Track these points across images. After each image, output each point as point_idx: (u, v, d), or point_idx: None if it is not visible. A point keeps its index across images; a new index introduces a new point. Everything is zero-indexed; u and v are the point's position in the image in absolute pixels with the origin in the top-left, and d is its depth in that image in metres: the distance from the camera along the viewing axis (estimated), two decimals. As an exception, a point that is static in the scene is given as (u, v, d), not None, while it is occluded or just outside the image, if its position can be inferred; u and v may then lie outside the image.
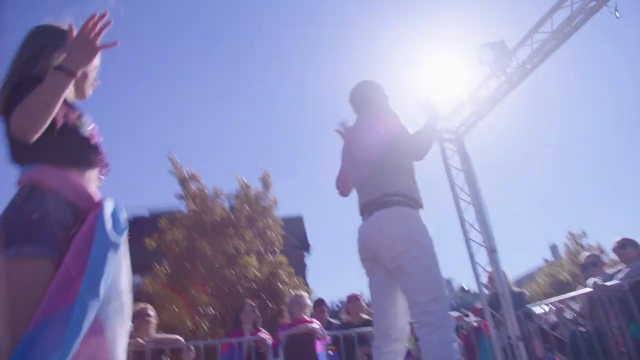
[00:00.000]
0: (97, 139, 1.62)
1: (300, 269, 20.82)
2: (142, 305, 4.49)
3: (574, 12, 3.93)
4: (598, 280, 4.36)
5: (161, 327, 12.40)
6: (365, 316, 5.31)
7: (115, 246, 1.43)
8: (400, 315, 2.46)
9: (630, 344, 4.20)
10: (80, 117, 1.58)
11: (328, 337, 4.88)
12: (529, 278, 34.60)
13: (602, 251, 23.41)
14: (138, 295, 13.50)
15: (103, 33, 1.53)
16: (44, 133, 1.38)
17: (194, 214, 13.87)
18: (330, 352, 5.05)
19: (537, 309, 16.68)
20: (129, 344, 3.80)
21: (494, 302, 4.81)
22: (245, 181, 14.59)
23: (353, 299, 5.32)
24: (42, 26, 1.66)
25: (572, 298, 5.02)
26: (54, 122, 1.42)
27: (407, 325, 2.49)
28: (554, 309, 7.84)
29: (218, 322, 12.66)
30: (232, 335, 4.79)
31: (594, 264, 4.86)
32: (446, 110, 5.20)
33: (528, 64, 4.44)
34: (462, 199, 5.05)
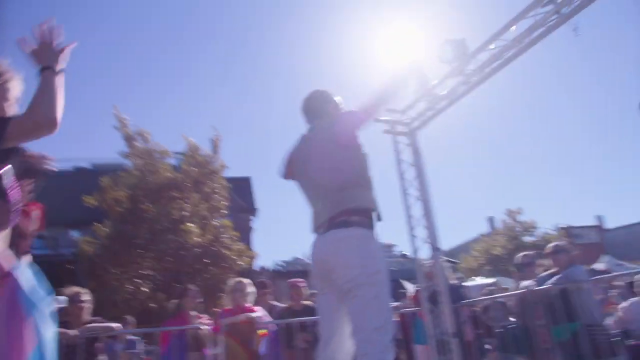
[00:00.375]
0: (15, 192, 1.46)
1: (246, 232, 20.80)
2: (75, 289, 4.30)
3: (535, 24, 3.92)
4: (531, 283, 4.58)
5: (100, 290, 12.07)
6: (306, 302, 5.36)
7: (46, 316, 1.33)
8: (348, 339, 2.45)
9: (554, 343, 4.48)
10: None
11: (270, 326, 4.91)
12: (464, 248, 36.32)
13: (534, 227, 24.88)
14: (77, 254, 13.07)
15: (58, 34, 1.65)
16: None
17: (139, 173, 13.42)
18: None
19: (472, 283, 17.30)
20: (60, 335, 3.64)
21: (433, 297, 4.96)
22: (195, 142, 14.17)
23: (295, 286, 5.34)
24: None
25: (506, 297, 5.25)
26: None
27: (353, 348, 2.49)
28: (488, 294, 8.25)
29: (159, 286, 12.52)
30: (175, 322, 4.69)
31: (528, 264, 5.09)
32: (401, 104, 5.16)
33: (487, 67, 4.43)
34: (411, 194, 5.09)
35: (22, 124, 1.48)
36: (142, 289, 12.12)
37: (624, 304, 5.35)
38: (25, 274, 1.37)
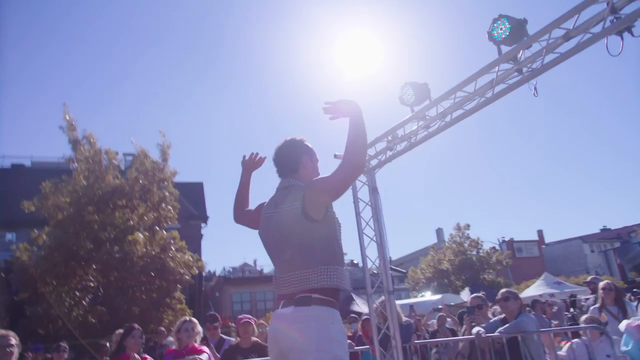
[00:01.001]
0: None
1: (195, 239, 20.32)
2: (2, 332, 3.94)
3: (496, 79, 3.96)
4: (481, 330, 4.63)
5: (35, 303, 11.33)
6: (254, 339, 5.23)
7: None
8: None
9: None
10: None
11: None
12: (413, 258, 37.08)
13: (479, 243, 25.68)
14: (11, 262, 12.26)
15: None
16: None
17: (84, 179, 12.77)
18: None
19: (420, 299, 17.72)
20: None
21: (384, 340, 4.93)
22: (145, 150, 13.65)
23: (244, 323, 5.18)
24: None
25: (457, 341, 5.29)
26: None
27: None
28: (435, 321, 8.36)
29: (100, 299, 11.96)
30: (115, 365, 4.41)
31: (478, 307, 5.15)
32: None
33: (448, 116, 4.45)
34: (367, 235, 5.05)
35: None
36: (82, 302, 11.51)
37: (567, 346, 5.52)
38: None
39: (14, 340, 3.87)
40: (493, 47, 3.91)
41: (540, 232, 41.96)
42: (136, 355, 4.48)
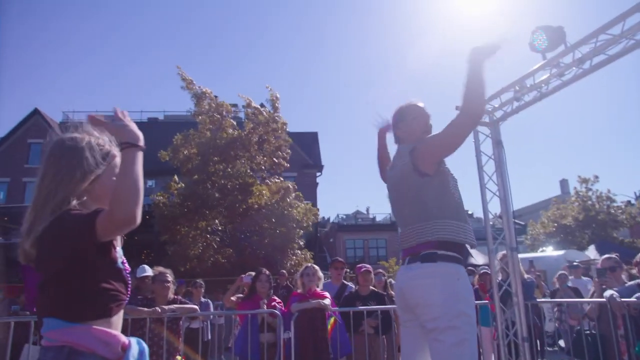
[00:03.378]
0: (126, 267, 1.51)
1: (310, 187, 21.11)
2: (161, 269, 4.58)
3: (651, 19, 3.49)
4: (615, 294, 4.33)
5: (173, 243, 12.68)
6: (373, 288, 5.45)
7: None
8: None
9: (634, 358, 4.27)
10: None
11: (335, 311, 5.01)
12: (533, 210, 35.06)
13: (610, 199, 23.32)
14: (153, 209, 13.83)
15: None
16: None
17: (208, 131, 13.82)
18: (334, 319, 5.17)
19: (541, 254, 16.67)
20: (148, 313, 3.90)
21: (505, 297, 4.84)
22: (255, 104, 14.42)
23: (364, 271, 5.40)
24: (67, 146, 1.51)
25: (586, 303, 5.02)
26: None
27: None
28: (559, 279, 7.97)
29: (227, 242, 13.09)
30: (248, 304, 4.90)
31: (611, 269, 4.81)
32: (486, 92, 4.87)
33: (587, 63, 4.04)
34: (489, 189, 4.88)
35: (103, 224, 1.32)
36: (213, 244, 12.71)
37: None
38: (134, 350, 1.41)
39: (170, 277, 4.51)
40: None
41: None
42: (265, 297, 4.95)
